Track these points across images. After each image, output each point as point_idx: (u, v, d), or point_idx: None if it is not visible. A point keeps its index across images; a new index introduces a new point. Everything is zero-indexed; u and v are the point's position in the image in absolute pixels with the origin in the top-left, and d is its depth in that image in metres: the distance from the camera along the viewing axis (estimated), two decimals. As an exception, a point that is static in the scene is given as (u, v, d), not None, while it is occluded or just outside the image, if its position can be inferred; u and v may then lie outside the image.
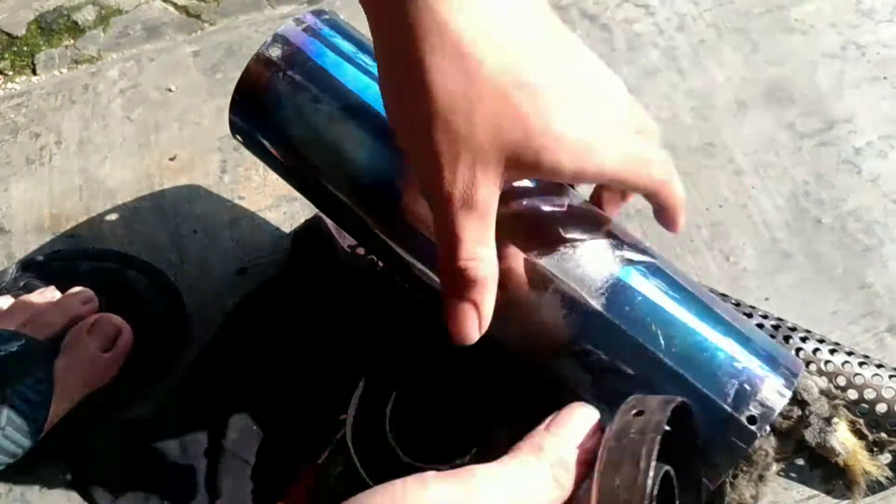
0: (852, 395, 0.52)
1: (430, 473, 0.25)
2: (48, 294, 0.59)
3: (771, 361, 0.36)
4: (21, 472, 0.57)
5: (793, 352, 0.54)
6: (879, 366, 0.54)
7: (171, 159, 0.74)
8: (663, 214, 0.38)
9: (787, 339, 0.54)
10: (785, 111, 0.73)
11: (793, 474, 0.55)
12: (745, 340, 0.37)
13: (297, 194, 0.70)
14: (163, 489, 0.56)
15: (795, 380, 0.36)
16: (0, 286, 0.61)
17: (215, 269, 0.67)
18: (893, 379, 0.53)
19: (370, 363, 0.55)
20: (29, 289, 0.60)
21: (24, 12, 0.86)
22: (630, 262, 0.37)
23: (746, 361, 0.36)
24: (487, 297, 0.35)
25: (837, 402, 0.37)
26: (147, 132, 0.75)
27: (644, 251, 0.39)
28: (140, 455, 0.57)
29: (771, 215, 0.67)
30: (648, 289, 0.37)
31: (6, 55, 0.83)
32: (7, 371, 0.52)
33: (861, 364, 0.53)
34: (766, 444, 0.35)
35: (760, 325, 0.55)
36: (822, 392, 0.37)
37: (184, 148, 0.74)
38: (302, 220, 0.68)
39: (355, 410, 0.52)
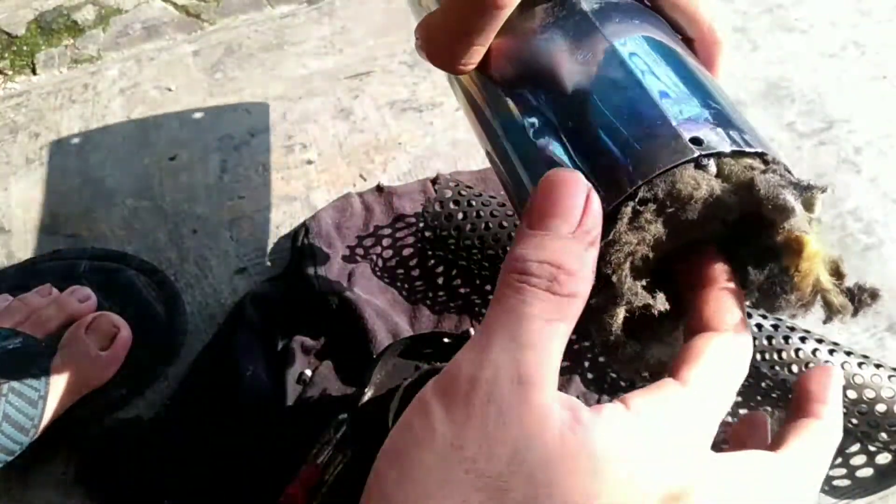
0: (851, 394, 0.52)
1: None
2: (46, 292, 0.59)
3: (750, 128, 0.30)
4: (21, 471, 0.57)
5: (792, 351, 0.54)
6: (878, 366, 0.54)
7: (171, 159, 0.74)
8: (703, 53, 0.35)
9: (786, 339, 0.54)
10: (784, 110, 0.73)
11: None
12: (730, 106, 0.31)
13: (297, 194, 0.70)
14: (163, 489, 0.56)
15: (770, 151, 0.29)
16: None
17: (215, 269, 0.67)
18: (892, 379, 0.53)
19: (372, 362, 0.55)
20: (28, 288, 0.60)
21: (23, 12, 0.86)
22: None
23: (722, 104, 0.30)
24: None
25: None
26: (147, 132, 0.75)
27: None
28: (140, 455, 0.57)
29: (770, 215, 0.67)
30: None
31: (6, 55, 0.83)
32: (4, 368, 0.52)
33: (860, 364, 0.53)
34: (702, 178, 0.26)
35: (759, 326, 0.55)
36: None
37: (184, 148, 0.74)
38: (301, 220, 0.68)
39: (359, 407, 0.52)
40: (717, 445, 0.24)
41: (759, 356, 0.54)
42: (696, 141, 0.27)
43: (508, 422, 0.21)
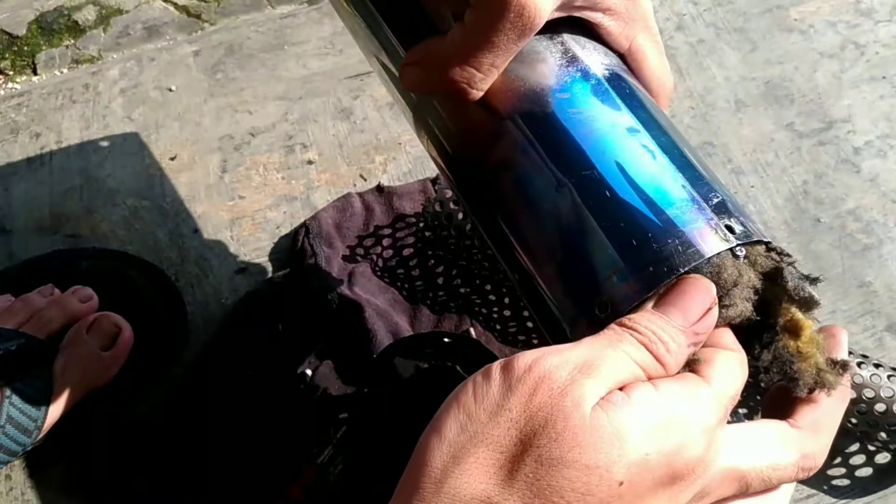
0: (850, 394, 0.52)
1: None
2: (48, 293, 0.60)
3: (748, 215, 0.32)
4: (22, 470, 0.57)
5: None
6: (878, 365, 0.54)
7: (172, 159, 0.74)
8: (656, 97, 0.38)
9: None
10: (784, 111, 0.73)
11: (791, 473, 0.55)
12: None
13: (297, 194, 0.71)
14: (163, 488, 0.56)
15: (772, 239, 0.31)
16: (0, 285, 0.62)
17: (215, 269, 0.67)
18: (891, 379, 0.53)
19: (372, 362, 0.55)
20: (29, 288, 0.60)
21: (24, 12, 0.86)
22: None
23: (725, 190, 0.32)
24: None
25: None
26: (147, 132, 0.76)
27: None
28: (141, 455, 0.57)
29: (770, 215, 0.67)
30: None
31: (7, 55, 0.83)
32: (7, 369, 0.52)
33: (859, 364, 0.53)
34: (743, 269, 0.29)
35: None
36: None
37: (184, 148, 0.74)
38: (301, 220, 0.68)
39: (359, 407, 0.52)
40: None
41: (758, 356, 0.54)
42: (730, 229, 0.29)
43: (552, 397, 0.25)
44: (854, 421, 0.53)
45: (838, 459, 0.55)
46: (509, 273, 0.35)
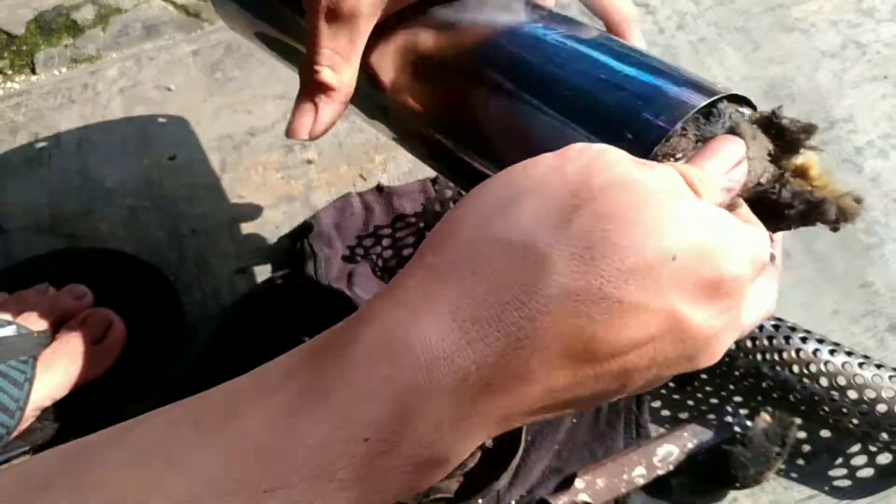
0: (852, 395, 0.52)
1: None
2: (43, 291, 0.60)
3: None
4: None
5: (793, 352, 0.54)
6: (879, 366, 0.54)
7: (171, 159, 0.73)
8: (617, 29, 0.40)
9: (787, 339, 0.54)
10: (785, 110, 0.73)
11: (793, 474, 0.55)
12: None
13: (297, 194, 0.70)
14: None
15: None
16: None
17: (215, 269, 0.67)
18: (893, 379, 0.53)
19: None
20: (26, 288, 0.60)
21: (23, 11, 0.86)
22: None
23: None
24: (329, 107, 0.36)
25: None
26: (147, 132, 0.75)
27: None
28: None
29: (771, 215, 0.67)
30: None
31: (5, 54, 0.83)
32: None
33: (861, 364, 0.53)
34: (753, 129, 0.32)
35: (760, 326, 0.55)
36: None
37: (183, 148, 0.74)
38: (301, 220, 0.68)
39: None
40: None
41: (760, 356, 0.54)
42: (715, 92, 0.32)
43: (612, 168, 0.24)
44: (856, 422, 0.53)
45: (840, 460, 0.55)
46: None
